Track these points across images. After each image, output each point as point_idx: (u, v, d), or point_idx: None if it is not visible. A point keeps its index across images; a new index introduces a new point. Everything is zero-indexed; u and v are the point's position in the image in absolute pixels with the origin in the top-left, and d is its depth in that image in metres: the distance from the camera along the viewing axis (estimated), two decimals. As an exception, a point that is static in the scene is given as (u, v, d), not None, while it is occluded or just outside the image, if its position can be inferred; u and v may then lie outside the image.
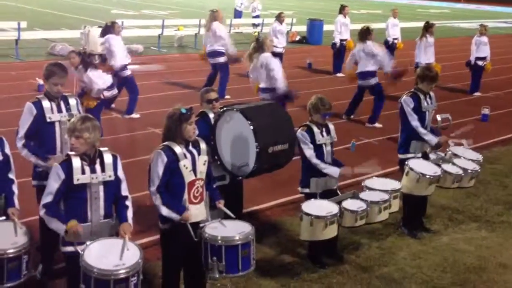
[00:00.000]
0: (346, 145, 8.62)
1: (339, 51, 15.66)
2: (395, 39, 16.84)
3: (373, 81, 10.75)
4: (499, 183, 8.18)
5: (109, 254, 3.89)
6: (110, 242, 4.05)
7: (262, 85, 8.73)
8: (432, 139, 6.20)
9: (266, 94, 8.57)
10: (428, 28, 12.96)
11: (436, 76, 6.32)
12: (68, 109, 5.06)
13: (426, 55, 13.01)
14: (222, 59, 12.37)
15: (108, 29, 10.71)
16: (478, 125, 11.38)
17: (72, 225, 3.93)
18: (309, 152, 5.52)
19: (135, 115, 10.60)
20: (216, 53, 12.35)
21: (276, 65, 8.49)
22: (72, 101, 5.13)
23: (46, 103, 4.97)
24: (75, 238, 3.98)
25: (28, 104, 5.01)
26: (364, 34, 10.73)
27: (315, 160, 5.54)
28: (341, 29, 15.55)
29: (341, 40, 15.53)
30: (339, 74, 15.66)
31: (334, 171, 5.55)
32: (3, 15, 23.31)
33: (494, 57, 14.50)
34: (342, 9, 15.72)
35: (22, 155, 4.99)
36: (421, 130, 6.21)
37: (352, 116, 11.29)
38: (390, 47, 16.93)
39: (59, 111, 5.01)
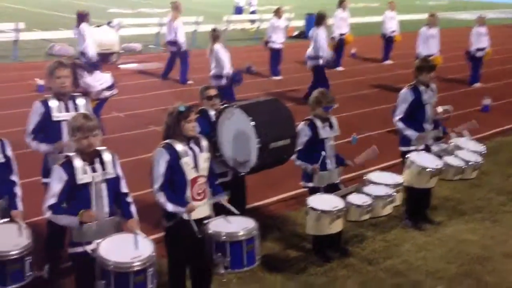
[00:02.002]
0: (347, 139, 8.60)
1: (338, 46, 15.63)
2: (393, 31, 16.78)
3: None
4: (501, 173, 8.18)
5: (123, 247, 3.93)
6: (121, 237, 4.09)
7: (212, 72, 9.98)
8: (412, 134, 6.18)
9: (215, 81, 9.76)
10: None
11: (434, 66, 6.33)
12: (76, 109, 5.08)
13: (427, 47, 12.96)
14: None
15: (83, 17, 11.10)
16: (479, 115, 11.39)
17: (83, 211, 3.95)
18: (296, 151, 5.49)
19: None
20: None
21: (223, 55, 9.88)
22: (80, 101, 5.16)
23: (53, 102, 5.01)
24: (90, 224, 3.99)
25: (36, 102, 5.08)
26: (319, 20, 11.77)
27: (293, 156, 5.52)
28: (340, 23, 15.50)
29: (340, 34, 15.48)
30: (339, 68, 15.65)
31: (309, 167, 5.52)
32: (1, 17, 23.27)
33: (493, 47, 14.46)
34: (341, 3, 15.67)
35: (33, 148, 5.04)
36: (400, 124, 6.20)
37: None
38: (388, 40, 16.90)
39: (67, 110, 5.04)
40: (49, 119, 4.99)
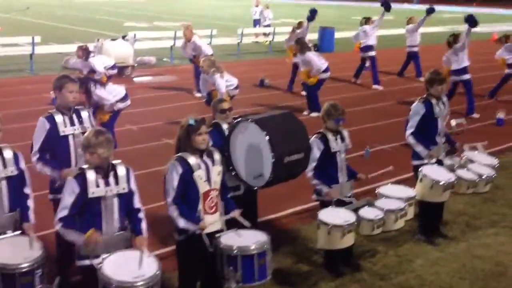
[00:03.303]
0: (360, 152, 8.58)
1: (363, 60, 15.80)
2: (415, 46, 16.60)
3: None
4: (515, 187, 8.08)
5: (127, 266, 3.92)
6: (126, 254, 4.08)
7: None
8: (422, 150, 6.16)
9: None
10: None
11: (444, 79, 6.33)
12: (81, 121, 5.10)
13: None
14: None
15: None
16: (494, 129, 11.30)
17: (91, 233, 3.96)
18: (309, 166, 5.49)
19: None
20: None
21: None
22: (84, 114, 5.17)
23: (58, 117, 5.00)
24: (94, 247, 4.00)
25: (41, 119, 5.04)
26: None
27: (310, 174, 5.55)
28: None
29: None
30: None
31: (323, 189, 5.53)
32: (18, 30, 23.61)
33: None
34: (366, 20, 15.69)
35: (37, 169, 5.02)
36: (411, 140, 6.20)
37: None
38: (414, 56, 16.64)
39: (72, 124, 5.04)
40: (56, 134, 4.97)
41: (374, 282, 5.47)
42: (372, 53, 15.30)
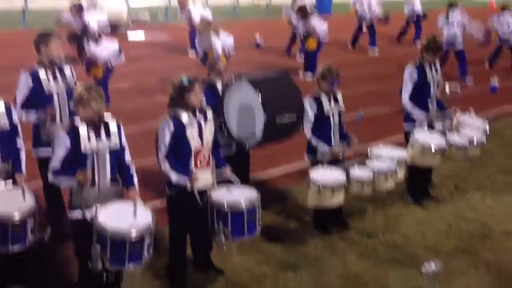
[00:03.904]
0: (352, 114, 8.60)
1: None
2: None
3: None
4: (505, 154, 8.15)
5: (121, 215, 3.98)
6: (120, 205, 4.14)
7: None
8: (420, 114, 6.18)
9: None
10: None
11: (440, 47, 6.32)
12: (64, 77, 5.06)
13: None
14: None
15: None
16: (487, 96, 11.31)
17: (79, 172, 4.01)
18: (307, 125, 5.56)
19: None
20: None
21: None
22: (67, 70, 5.13)
23: (42, 73, 4.96)
24: (86, 180, 4.04)
25: (23, 73, 4.98)
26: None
27: (309, 135, 5.60)
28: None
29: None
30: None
31: (323, 148, 5.58)
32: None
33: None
34: None
35: (24, 120, 4.97)
36: (408, 105, 6.21)
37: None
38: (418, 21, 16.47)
39: (55, 80, 5.00)
40: (40, 91, 4.92)
41: (361, 240, 5.57)
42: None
